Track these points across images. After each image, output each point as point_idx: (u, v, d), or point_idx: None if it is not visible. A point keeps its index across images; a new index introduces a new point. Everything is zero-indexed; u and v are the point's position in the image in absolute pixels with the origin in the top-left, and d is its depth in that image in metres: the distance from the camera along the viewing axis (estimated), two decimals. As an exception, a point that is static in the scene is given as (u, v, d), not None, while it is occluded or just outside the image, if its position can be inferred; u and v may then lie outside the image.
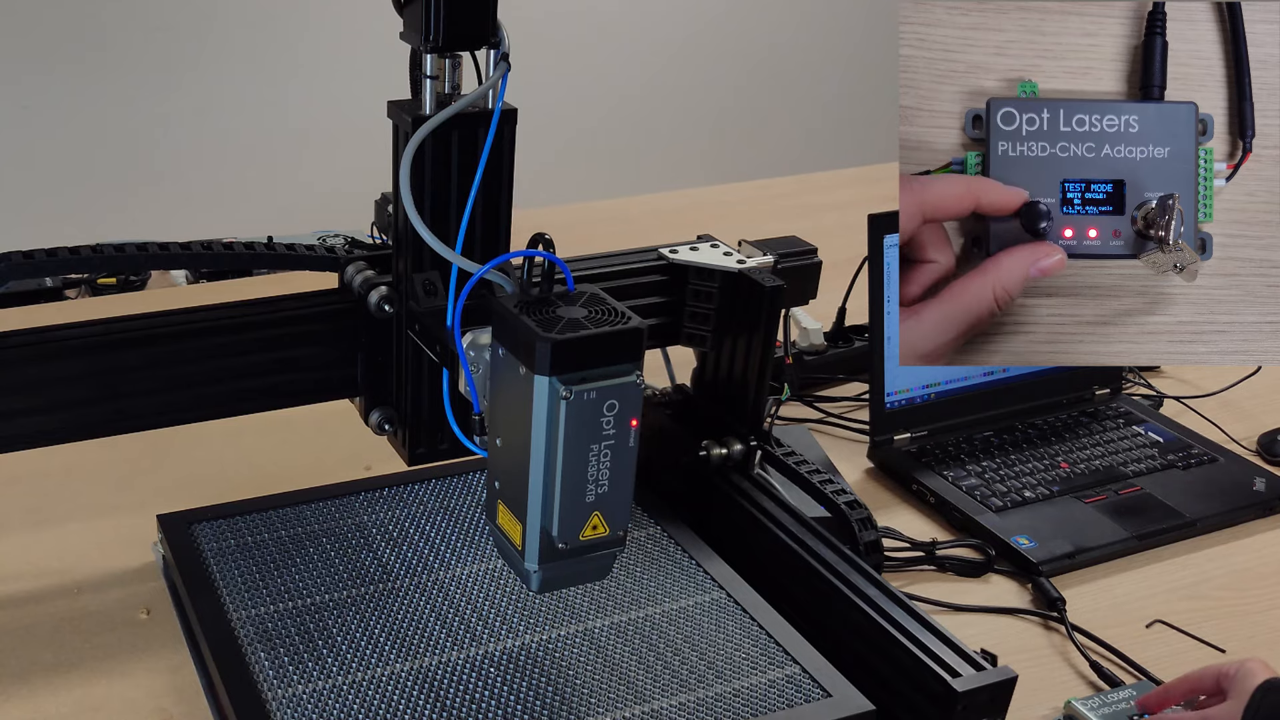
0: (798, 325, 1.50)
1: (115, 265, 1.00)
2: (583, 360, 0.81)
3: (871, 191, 2.09)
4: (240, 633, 0.99)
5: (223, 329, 1.02)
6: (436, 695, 0.95)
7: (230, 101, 2.90)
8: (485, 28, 0.93)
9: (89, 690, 1.00)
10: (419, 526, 1.14)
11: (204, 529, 1.11)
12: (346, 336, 1.05)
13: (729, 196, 2.17)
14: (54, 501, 1.22)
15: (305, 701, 0.93)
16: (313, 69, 2.94)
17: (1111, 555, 1.23)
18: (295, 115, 2.97)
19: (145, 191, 2.88)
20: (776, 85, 3.57)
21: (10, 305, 1.72)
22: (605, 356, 0.82)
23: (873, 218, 1.31)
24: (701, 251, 1.17)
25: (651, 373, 1.32)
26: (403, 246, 0.99)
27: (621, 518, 0.87)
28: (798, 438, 1.34)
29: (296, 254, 1.05)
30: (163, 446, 1.17)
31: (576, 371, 0.81)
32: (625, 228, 1.90)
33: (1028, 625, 1.14)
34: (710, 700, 0.96)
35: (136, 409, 1.02)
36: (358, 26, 2.82)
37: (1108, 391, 1.50)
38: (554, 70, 3.15)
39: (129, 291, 1.90)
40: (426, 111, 0.95)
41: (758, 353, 1.13)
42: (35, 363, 0.97)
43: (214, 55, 2.85)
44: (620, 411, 0.83)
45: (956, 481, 1.31)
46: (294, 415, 1.10)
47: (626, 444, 0.84)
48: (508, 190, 0.99)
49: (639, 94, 3.39)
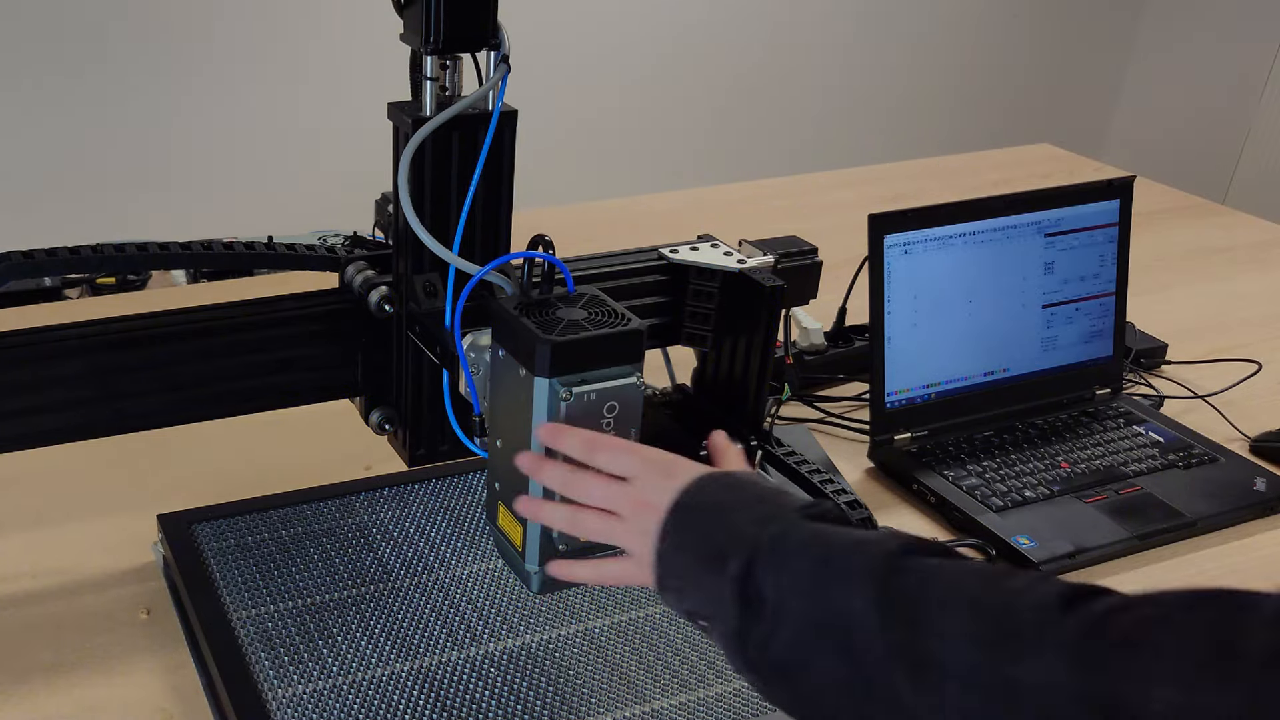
0: (798, 325, 1.50)
1: (115, 265, 1.00)
2: (582, 362, 0.81)
3: (871, 191, 2.10)
4: (240, 633, 0.99)
5: (223, 329, 1.02)
6: (436, 695, 0.95)
7: (231, 102, 2.90)
8: (485, 29, 0.93)
9: (89, 690, 1.00)
10: (419, 526, 1.14)
11: (204, 529, 1.11)
12: (346, 336, 1.05)
13: (729, 196, 2.17)
14: (54, 501, 1.22)
15: (305, 701, 0.93)
16: (313, 70, 2.95)
17: (1112, 555, 1.24)
18: (296, 116, 2.97)
19: (146, 192, 2.88)
20: (777, 85, 3.57)
21: (10, 305, 1.72)
22: (605, 358, 0.82)
23: (873, 218, 1.31)
24: (702, 251, 1.17)
25: (652, 373, 1.32)
26: (403, 247, 0.99)
27: None
28: (798, 438, 1.34)
29: (296, 254, 1.05)
30: (163, 446, 1.17)
31: (576, 373, 0.81)
32: (625, 228, 1.90)
33: (1028, 625, 1.14)
34: (710, 700, 0.96)
35: (136, 409, 1.02)
36: (358, 28, 2.83)
37: (1108, 391, 1.50)
38: (554, 70, 3.15)
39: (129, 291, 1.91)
40: (427, 113, 0.95)
41: (758, 353, 1.13)
42: (35, 363, 0.97)
43: (214, 56, 2.85)
44: (620, 413, 0.83)
45: (957, 481, 1.31)
46: (294, 415, 1.10)
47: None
48: (507, 191, 0.99)
49: (639, 94, 3.39)
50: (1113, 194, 1.45)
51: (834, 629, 0.66)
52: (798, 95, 3.62)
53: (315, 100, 2.97)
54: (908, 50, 3.72)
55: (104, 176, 2.84)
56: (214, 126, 2.90)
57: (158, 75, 2.80)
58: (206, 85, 2.86)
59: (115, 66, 2.76)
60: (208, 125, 2.90)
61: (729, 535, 0.72)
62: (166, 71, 2.81)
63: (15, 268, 0.95)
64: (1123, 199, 1.45)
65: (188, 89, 2.85)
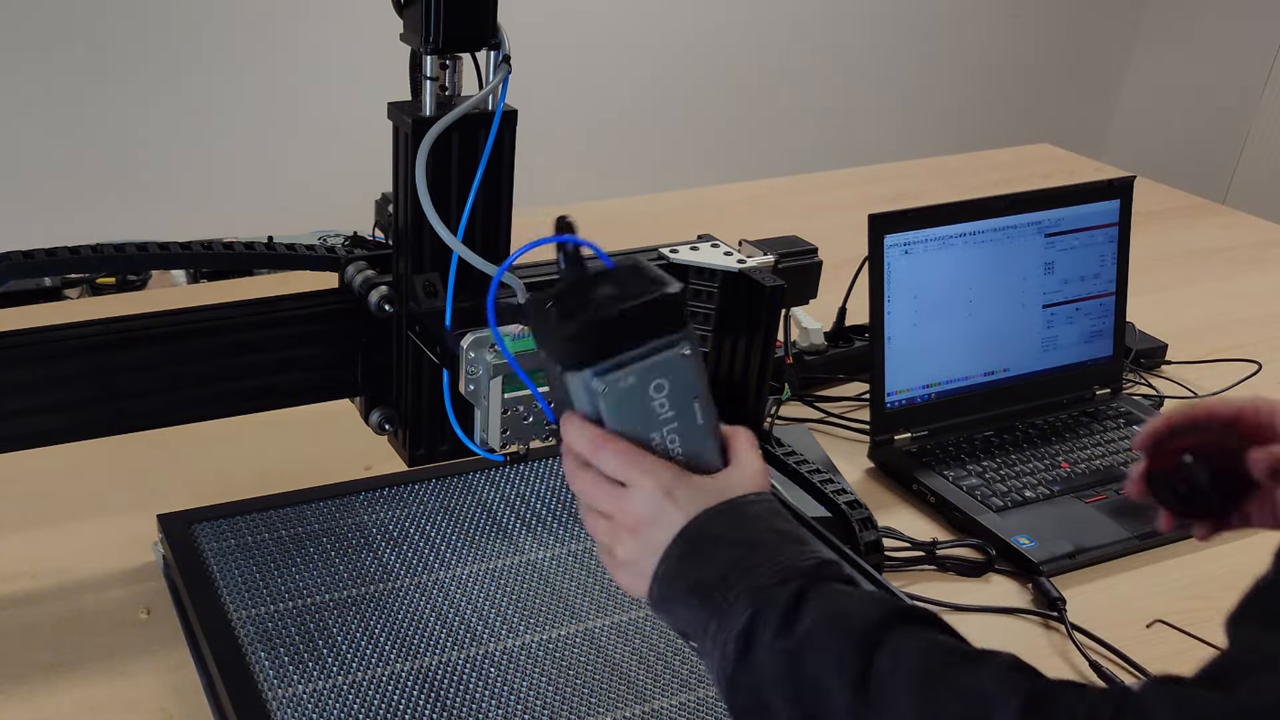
0: (798, 325, 1.50)
1: (115, 265, 1.00)
2: (611, 345, 0.71)
3: (871, 191, 2.10)
4: (240, 633, 0.99)
5: (223, 329, 1.02)
6: (436, 695, 0.95)
7: (231, 101, 2.90)
8: (485, 29, 0.93)
9: (89, 690, 1.00)
10: (419, 526, 1.14)
11: (204, 529, 1.11)
12: (346, 336, 1.05)
13: (729, 196, 2.17)
14: (54, 501, 1.22)
15: (305, 701, 0.93)
16: (313, 69, 2.95)
17: (1112, 555, 1.23)
18: (295, 115, 2.97)
19: (145, 191, 2.88)
20: (777, 85, 3.57)
21: (10, 305, 1.72)
22: (639, 333, 0.71)
23: (873, 218, 1.31)
24: (702, 251, 1.17)
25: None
26: (403, 247, 0.99)
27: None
28: (798, 437, 1.34)
29: (296, 254, 1.05)
30: (163, 446, 1.17)
31: (610, 358, 0.71)
32: (625, 228, 1.90)
33: (1028, 625, 1.14)
34: (710, 700, 0.96)
35: (136, 409, 1.02)
36: (358, 27, 2.82)
37: (1108, 391, 1.50)
38: (554, 71, 3.15)
39: (129, 291, 1.91)
40: (427, 113, 0.95)
41: (758, 352, 1.13)
42: (35, 363, 0.97)
43: (214, 55, 2.85)
44: (672, 390, 0.72)
45: (957, 481, 1.31)
46: (294, 415, 1.10)
47: (693, 421, 0.74)
48: (508, 192, 1.00)
49: (639, 94, 3.39)
50: (1113, 194, 1.45)
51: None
52: (798, 95, 3.62)
53: (315, 100, 2.97)
54: (908, 50, 3.72)
55: (104, 176, 2.84)
56: (214, 126, 2.90)
57: (158, 75, 2.80)
58: (207, 85, 2.86)
59: (115, 66, 2.76)
60: (208, 125, 2.90)
61: (726, 587, 0.70)
62: (167, 71, 2.81)
63: (15, 268, 0.95)
64: (1123, 199, 1.45)
65: (188, 89, 2.85)
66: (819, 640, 0.66)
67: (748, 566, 0.69)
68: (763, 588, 0.68)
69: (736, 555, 0.70)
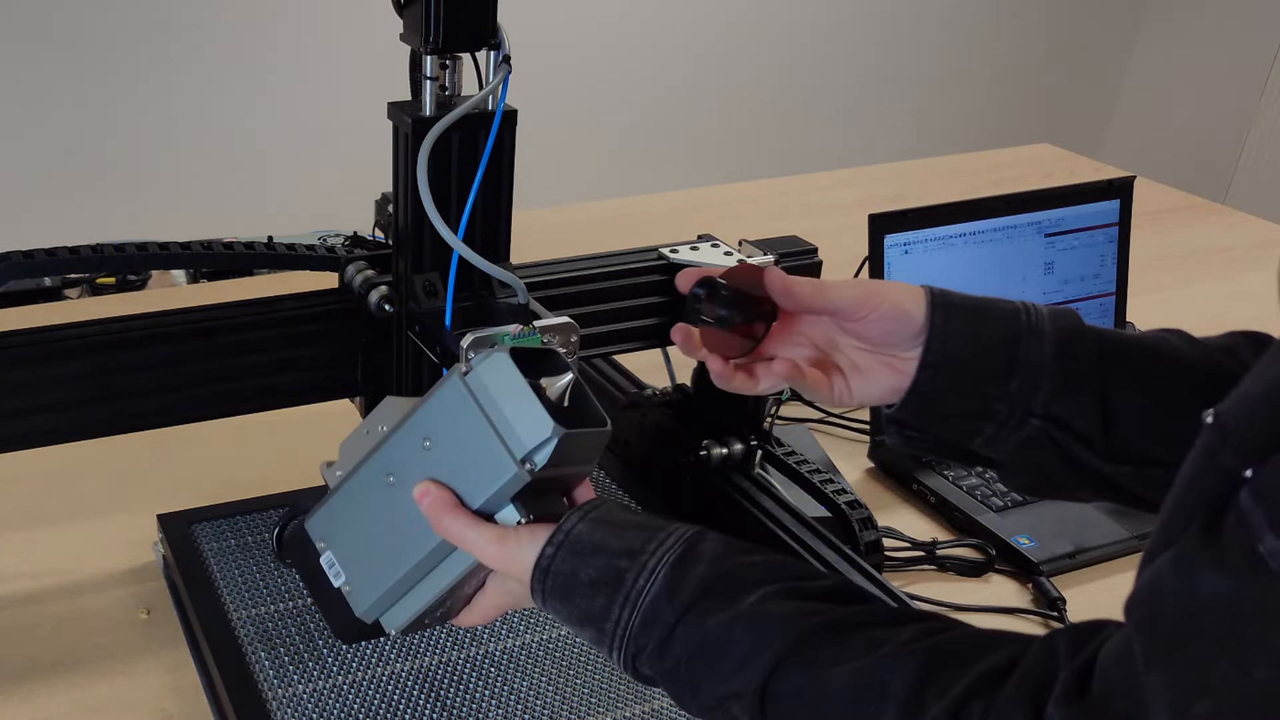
0: (798, 325, 1.50)
1: (115, 265, 1.00)
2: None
3: (871, 191, 2.10)
4: (240, 633, 0.99)
5: (223, 329, 1.02)
6: (436, 695, 0.95)
7: (231, 102, 2.90)
8: (485, 29, 0.93)
9: (89, 690, 1.00)
10: (419, 526, 1.14)
11: (204, 529, 1.11)
12: (346, 336, 1.05)
13: (729, 196, 2.17)
14: (54, 501, 1.22)
15: (305, 701, 0.93)
16: (313, 70, 2.95)
17: (1112, 555, 1.24)
18: (295, 115, 2.97)
19: (145, 191, 2.88)
20: (777, 85, 3.58)
21: (10, 305, 1.72)
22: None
23: (873, 218, 1.31)
24: (702, 251, 1.17)
25: (652, 372, 1.33)
26: (403, 247, 0.99)
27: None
28: (798, 437, 1.34)
29: (296, 254, 1.05)
30: (163, 446, 1.17)
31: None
32: (625, 228, 1.90)
33: (1028, 625, 1.14)
34: (710, 700, 0.96)
35: (136, 409, 1.01)
36: (358, 27, 2.82)
37: (1108, 391, 1.50)
38: (554, 71, 3.15)
39: (129, 291, 1.91)
40: (427, 113, 0.94)
41: (758, 353, 1.12)
42: (35, 363, 0.96)
43: (214, 55, 2.85)
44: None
45: (957, 481, 1.31)
46: (294, 415, 1.09)
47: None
48: (508, 192, 0.99)
49: (639, 94, 3.39)
50: (1113, 194, 1.45)
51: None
52: (798, 95, 3.62)
53: (315, 100, 2.97)
54: (908, 50, 3.72)
55: (103, 176, 2.84)
56: (214, 126, 2.90)
57: (157, 75, 2.80)
58: (206, 85, 2.86)
59: (115, 66, 2.76)
60: (207, 125, 2.90)
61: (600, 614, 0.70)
62: (166, 71, 2.81)
63: (15, 268, 0.95)
64: (1123, 199, 1.45)
65: (187, 88, 2.85)
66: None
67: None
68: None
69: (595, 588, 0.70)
